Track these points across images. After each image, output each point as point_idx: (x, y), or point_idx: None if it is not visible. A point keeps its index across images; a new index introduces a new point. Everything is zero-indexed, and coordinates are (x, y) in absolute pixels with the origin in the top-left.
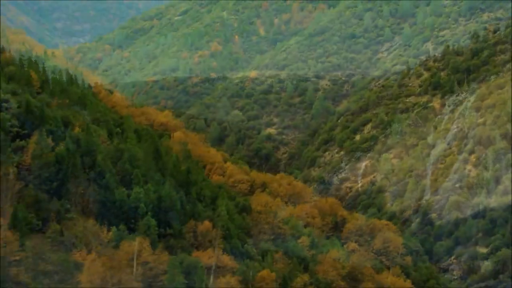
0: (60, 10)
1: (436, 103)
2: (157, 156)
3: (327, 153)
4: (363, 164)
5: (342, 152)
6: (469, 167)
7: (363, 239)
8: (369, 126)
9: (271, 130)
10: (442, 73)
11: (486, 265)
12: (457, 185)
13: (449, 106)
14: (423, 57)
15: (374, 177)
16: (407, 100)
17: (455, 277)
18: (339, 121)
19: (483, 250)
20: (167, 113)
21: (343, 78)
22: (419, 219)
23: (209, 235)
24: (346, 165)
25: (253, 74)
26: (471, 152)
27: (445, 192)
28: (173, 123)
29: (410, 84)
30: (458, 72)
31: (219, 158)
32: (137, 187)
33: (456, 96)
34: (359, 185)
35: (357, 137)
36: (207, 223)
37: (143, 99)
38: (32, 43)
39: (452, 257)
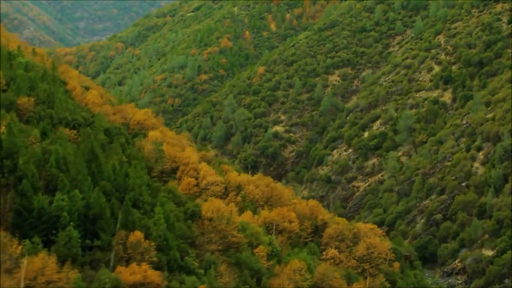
0: (82, 9)
1: (447, 97)
2: (92, 159)
3: (335, 151)
4: (370, 163)
5: (350, 150)
6: (476, 164)
7: (345, 245)
8: (378, 122)
9: (278, 128)
10: (453, 67)
11: (491, 269)
12: (463, 184)
13: (460, 100)
14: (434, 51)
15: (382, 175)
16: (417, 95)
17: (459, 282)
18: (347, 118)
19: (489, 252)
20: (146, 111)
21: (353, 73)
22: (424, 220)
23: (140, 247)
24: (353, 163)
25: (260, 70)
26: (479, 149)
27: (452, 191)
28: (151, 122)
29: (420, 79)
30: (470, 65)
31: (194, 158)
32: (60, 194)
33: (467, 90)
34: (366, 184)
35: (366, 134)
36: (138, 234)
37: (151, 97)
38: (12, 39)
39: (457, 260)
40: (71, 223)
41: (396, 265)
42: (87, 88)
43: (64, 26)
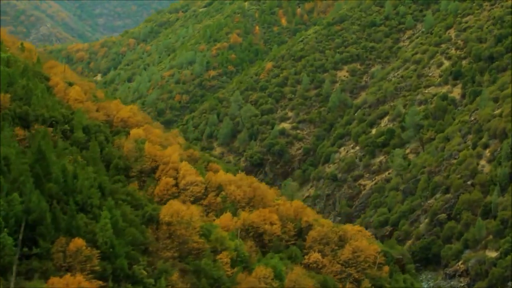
0: (101, 6)
1: (456, 93)
2: (40, 159)
3: (342, 148)
4: (378, 160)
5: (357, 147)
6: (482, 162)
7: (329, 248)
8: (386, 119)
9: (285, 125)
10: (463, 62)
11: (494, 271)
12: (469, 182)
13: (469, 96)
14: (444, 45)
15: (389, 173)
16: (426, 91)
17: (462, 284)
18: (355, 114)
19: (493, 254)
20: (131, 107)
21: (362, 69)
22: (428, 220)
23: (80, 255)
24: (360, 161)
25: (268, 66)
26: (486, 146)
27: (457, 190)
28: (135, 119)
29: (430, 74)
30: (480, 60)
31: (175, 157)
32: None
33: (477, 85)
34: (373, 182)
35: (373, 131)
36: (78, 241)
37: (158, 94)
38: None
39: (460, 262)
40: (5, 229)
41: (386, 269)
42: (70, 84)
43: (83, 23)
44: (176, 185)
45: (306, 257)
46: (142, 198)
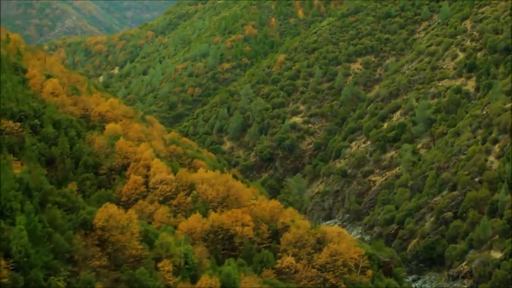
0: None
1: (470, 86)
2: None
3: (353, 143)
4: (388, 155)
5: (369, 142)
6: (491, 158)
7: (305, 252)
8: (398, 113)
9: (297, 119)
10: (478, 54)
11: (497, 273)
12: (476, 179)
13: (483, 89)
14: (459, 37)
15: (399, 169)
16: (440, 84)
17: (465, 286)
18: (368, 108)
19: (497, 254)
20: (111, 101)
21: (376, 61)
22: (433, 218)
23: None
24: (370, 156)
25: (281, 58)
26: (495, 141)
27: (463, 187)
28: (114, 113)
29: (444, 66)
30: (495, 51)
31: (147, 154)
32: None
33: (492, 78)
34: (383, 178)
35: (385, 126)
36: None
37: (171, 87)
38: None
39: (464, 263)
40: None
41: (369, 273)
42: (48, 77)
43: (111, 16)
44: (146, 183)
45: (278, 261)
46: (79, 201)
